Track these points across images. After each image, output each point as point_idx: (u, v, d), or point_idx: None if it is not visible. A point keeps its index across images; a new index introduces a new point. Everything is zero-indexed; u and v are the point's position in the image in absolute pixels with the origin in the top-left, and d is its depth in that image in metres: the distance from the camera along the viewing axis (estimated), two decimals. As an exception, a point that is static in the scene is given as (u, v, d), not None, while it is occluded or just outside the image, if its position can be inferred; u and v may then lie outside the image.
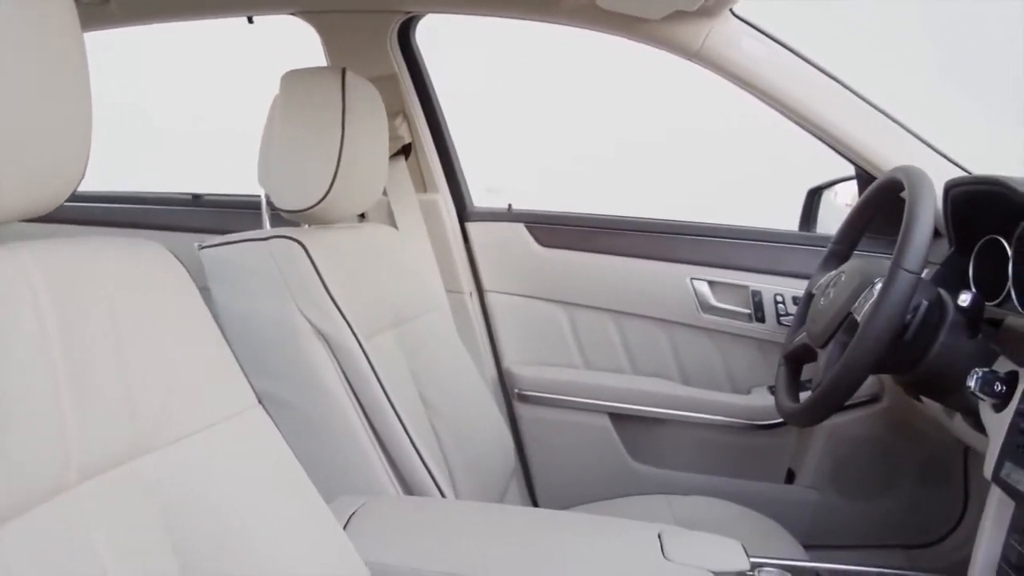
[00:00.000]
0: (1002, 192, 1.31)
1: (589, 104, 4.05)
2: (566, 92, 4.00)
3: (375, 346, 1.40)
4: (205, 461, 0.81)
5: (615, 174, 3.75)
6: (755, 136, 1.90)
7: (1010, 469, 1.10)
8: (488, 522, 1.11)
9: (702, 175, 3.67)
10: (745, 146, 2.72)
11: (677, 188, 2.85)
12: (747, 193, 2.18)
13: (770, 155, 1.97)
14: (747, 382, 1.92)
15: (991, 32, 3.79)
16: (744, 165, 3.44)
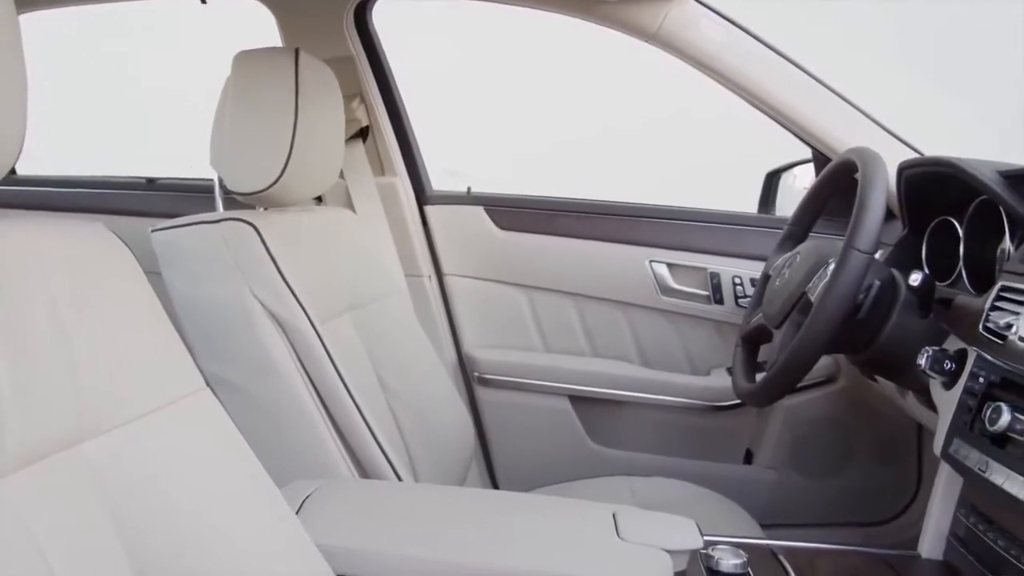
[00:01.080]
0: (953, 174, 1.33)
1: (565, 90, 4.04)
2: (541, 78, 3.99)
3: (332, 330, 1.39)
4: (151, 444, 0.79)
5: (591, 161, 3.75)
6: (732, 124, 1.90)
7: (958, 445, 1.12)
8: (443, 504, 1.11)
9: (679, 163, 3.68)
10: (722, 134, 2.73)
11: (654, 175, 2.85)
12: (722, 181, 2.18)
13: (749, 143, 1.97)
14: (706, 363, 1.93)
15: (946, 15, 3.83)
16: (720, 153, 3.46)
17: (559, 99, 3.90)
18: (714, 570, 1.05)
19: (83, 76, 3.92)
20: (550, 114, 3.93)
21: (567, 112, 3.93)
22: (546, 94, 3.86)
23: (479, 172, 2.17)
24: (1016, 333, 1.04)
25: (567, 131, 3.90)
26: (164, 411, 0.81)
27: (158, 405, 0.81)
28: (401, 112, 1.98)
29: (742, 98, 1.71)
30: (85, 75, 3.95)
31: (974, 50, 3.91)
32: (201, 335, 1.31)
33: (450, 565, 0.95)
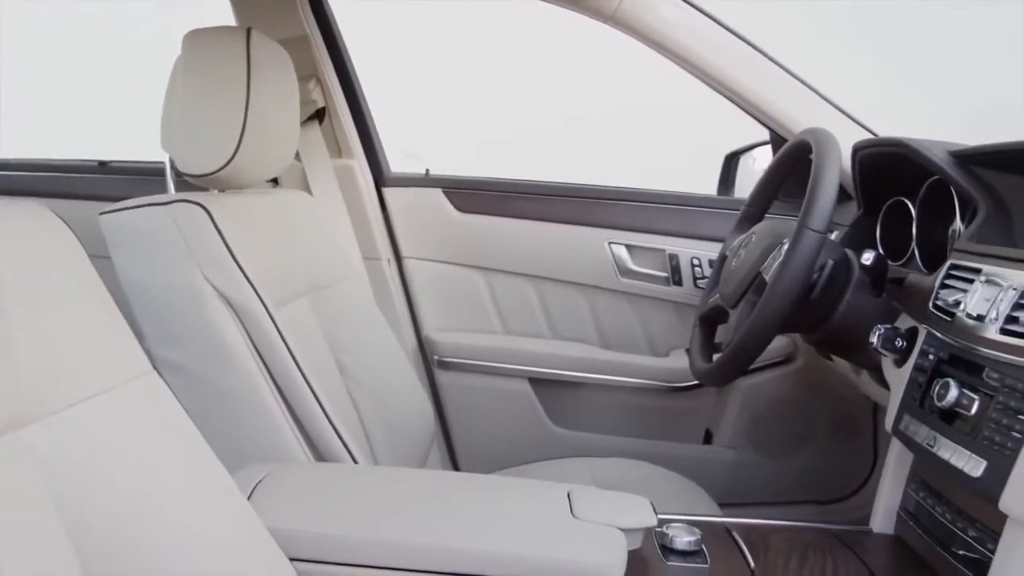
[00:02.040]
0: (905, 154, 1.34)
1: (527, 76, 4.01)
2: (504, 62, 3.96)
3: (288, 313, 1.37)
4: (94, 429, 0.78)
5: (552, 147, 3.74)
6: (704, 112, 1.89)
7: (908, 421, 1.13)
8: (396, 486, 1.10)
9: (643, 151, 3.67)
10: (694, 122, 2.73)
11: (617, 163, 2.84)
12: (687, 167, 2.18)
13: (714, 129, 1.97)
14: (665, 345, 1.94)
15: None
16: (684, 140, 3.46)
17: (521, 84, 3.88)
18: (668, 547, 1.06)
19: (40, 58, 3.84)
20: (512, 99, 3.91)
21: (529, 97, 3.91)
22: (508, 79, 3.84)
23: (440, 156, 2.15)
24: (964, 310, 1.06)
25: (530, 117, 3.88)
26: (107, 395, 0.80)
27: (101, 389, 0.80)
28: (358, 93, 1.96)
29: (701, 80, 1.71)
30: (42, 57, 3.86)
31: (933, 34, 3.95)
32: (152, 319, 1.29)
33: (402, 546, 0.95)
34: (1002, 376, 0.97)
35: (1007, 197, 1.19)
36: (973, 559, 1.02)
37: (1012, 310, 0.98)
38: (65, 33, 3.48)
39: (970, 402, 1.00)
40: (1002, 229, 1.17)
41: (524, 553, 0.95)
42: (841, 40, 3.61)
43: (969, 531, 1.04)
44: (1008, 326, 0.97)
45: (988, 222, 1.17)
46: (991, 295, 1.02)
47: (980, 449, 0.96)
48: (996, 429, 0.95)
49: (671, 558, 1.05)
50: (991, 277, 1.05)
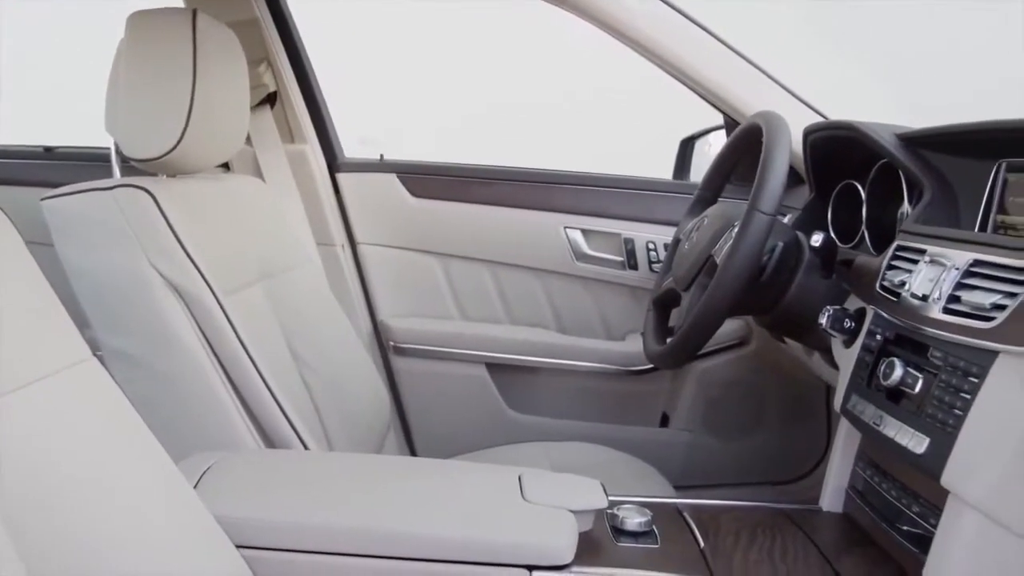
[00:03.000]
0: (855, 137, 1.35)
1: (490, 61, 3.99)
2: (467, 48, 3.93)
3: (240, 300, 1.36)
4: (30, 417, 0.76)
5: (518, 133, 3.72)
6: (662, 97, 1.89)
7: (856, 401, 1.14)
8: (346, 471, 1.09)
9: (608, 136, 3.66)
10: (651, 107, 2.73)
11: (582, 148, 2.84)
12: (652, 155, 2.18)
13: (678, 116, 1.98)
14: (621, 329, 1.94)
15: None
16: (649, 127, 3.46)
17: (477, 70, 3.85)
18: (619, 528, 1.07)
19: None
20: (467, 85, 3.89)
21: (485, 83, 3.89)
22: (464, 65, 3.81)
23: (394, 142, 2.13)
24: (909, 290, 1.07)
25: (486, 103, 3.87)
26: (44, 382, 0.78)
27: (38, 376, 0.78)
28: (310, 77, 1.94)
29: (654, 64, 1.71)
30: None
31: (887, 21, 3.99)
32: (98, 307, 1.26)
33: (349, 531, 0.94)
34: (945, 355, 0.98)
35: (952, 179, 1.20)
36: (917, 534, 1.03)
37: (954, 290, 0.99)
38: (5, 13, 3.39)
39: (914, 381, 1.01)
40: (947, 210, 1.18)
41: (473, 536, 0.94)
42: (794, 25, 3.63)
43: (913, 507, 1.05)
44: (950, 305, 0.99)
45: (933, 204, 1.19)
46: (935, 275, 1.04)
47: (923, 427, 0.98)
48: (938, 407, 0.96)
49: (622, 539, 1.05)
50: (935, 257, 1.06)
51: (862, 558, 1.08)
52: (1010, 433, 0.86)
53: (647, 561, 1.01)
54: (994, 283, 0.94)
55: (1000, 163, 1.12)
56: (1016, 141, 1.08)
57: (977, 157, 1.16)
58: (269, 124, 1.86)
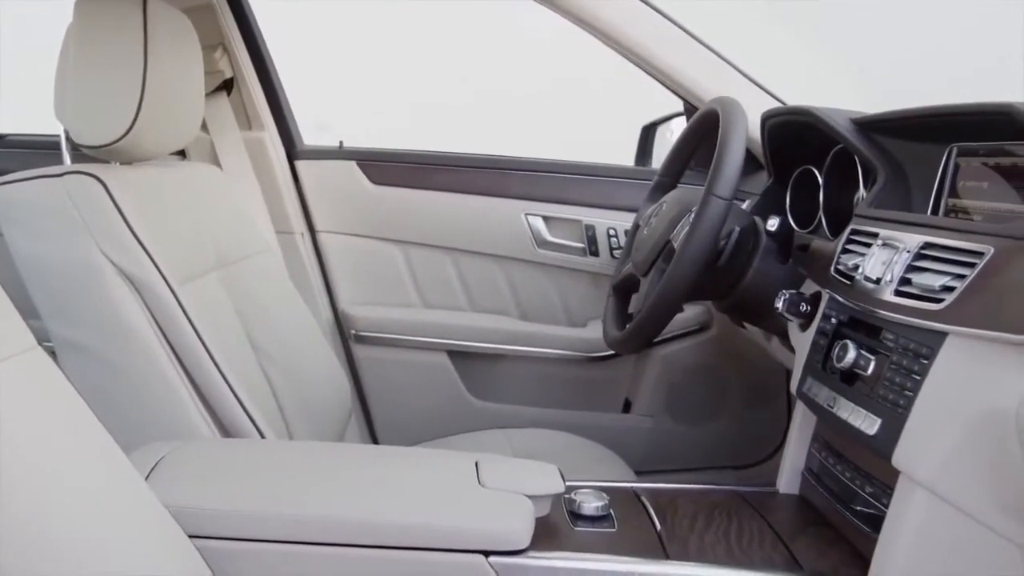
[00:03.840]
0: (811, 122, 1.36)
1: (452, 49, 3.96)
2: (429, 35, 3.90)
3: (196, 289, 1.34)
4: (-29, 408, 0.74)
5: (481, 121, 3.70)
6: (626, 85, 1.89)
7: (811, 383, 1.16)
8: (301, 460, 1.09)
9: (573, 125, 3.66)
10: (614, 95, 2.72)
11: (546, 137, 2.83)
12: (616, 142, 2.18)
13: (643, 104, 1.98)
14: (583, 315, 1.95)
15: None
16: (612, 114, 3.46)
17: (438, 58, 3.83)
18: (576, 513, 1.07)
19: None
20: (428, 73, 3.87)
21: (447, 71, 3.87)
22: (425, 53, 3.79)
23: (354, 130, 2.11)
24: (862, 273, 1.08)
25: (449, 91, 3.85)
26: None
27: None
28: (267, 63, 1.91)
29: (615, 50, 1.71)
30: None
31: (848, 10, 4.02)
32: (48, 297, 1.24)
33: (303, 519, 0.94)
34: (896, 337, 0.99)
35: (905, 163, 1.21)
36: (870, 514, 1.05)
37: (906, 272, 1.01)
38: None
39: (867, 363, 1.02)
40: (900, 194, 1.20)
41: (428, 523, 0.94)
42: (756, 12, 3.64)
43: (866, 488, 1.07)
44: (902, 288, 1.00)
45: (887, 188, 1.20)
46: (887, 258, 1.05)
47: (875, 408, 0.99)
48: (890, 388, 0.97)
49: (579, 523, 1.06)
50: (888, 241, 1.07)
51: (816, 538, 1.10)
52: (958, 413, 0.87)
53: (603, 545, 1.02)
54: (944, 265, 0.96)
55: (951, 147, 1.13)
56: (966, 125, 1.09)
57: (929, 142, 1.17)
58: (226, 111, 1.84)
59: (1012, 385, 0.81)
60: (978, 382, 0.86)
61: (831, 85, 3.14)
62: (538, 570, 0.95)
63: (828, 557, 1.05)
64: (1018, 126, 0.94)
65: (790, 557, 1.04)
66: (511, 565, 0.94)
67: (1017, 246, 0.86)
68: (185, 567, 0.88)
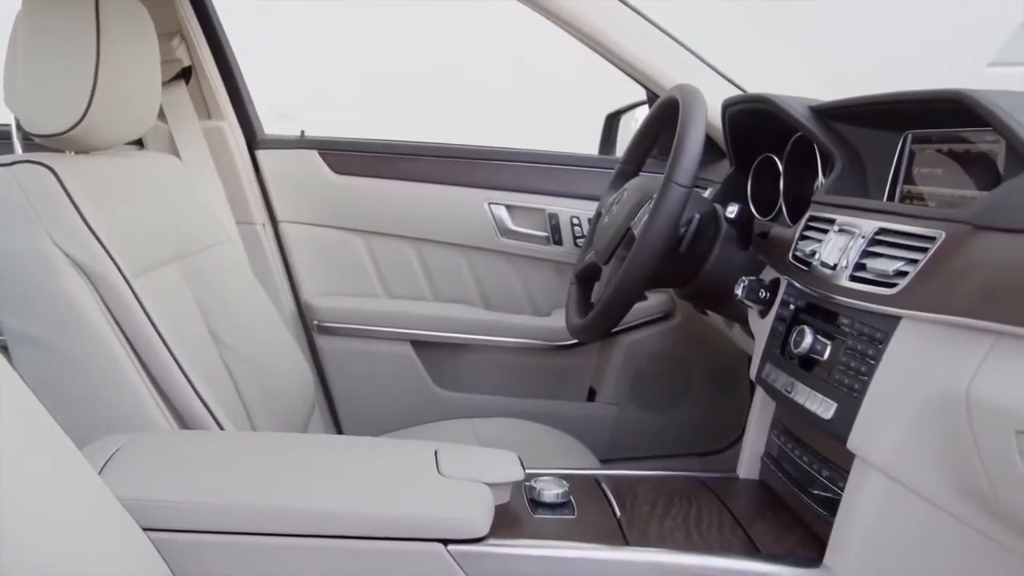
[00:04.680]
0: (771, 110, 1.36)
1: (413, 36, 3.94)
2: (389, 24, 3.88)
3: (153, 280, 1.32)
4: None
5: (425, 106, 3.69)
6: (594, 75, 1.88)
7: (770, 369, 1.16)
8: (260, 451, 1.08)
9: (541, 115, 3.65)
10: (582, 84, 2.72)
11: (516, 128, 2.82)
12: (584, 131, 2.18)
13: (609, 94, 1.98)
14: (547, 304, 1.95)
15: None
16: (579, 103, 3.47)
17: (400, 47, 3.81)
18: (536, 500, 1.07)
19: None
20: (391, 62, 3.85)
21: (413, 60, 3.86)
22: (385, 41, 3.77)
23: (318, 119, 2.09)
24: (819, 259, 1.09)
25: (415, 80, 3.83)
26: None
27: None
28: (226, 52, 1.89)
29: (577, 39, 1.70)
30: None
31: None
32: (1, 289, 1.22)
33: (259, 510, 0.93)
34: (852, 321, 1.00)
35: (862, 150, 1.22)
36: (827, 498, 1.05)
37: (861, 258, 1.01)
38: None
39: (823, 348, 1.03)
40: (857, 180, 1.21)
41: (387, 512, 0.94)
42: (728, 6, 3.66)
43: (824, 472, 1.08)
44: (857, 273, 1.01)
45: (844, 174, 1.21)
46: (844, 244, 1.05)
47: (831, 392, 1.00)
48: (845, 372, 0.98)
49: (539, 511, 1.06)
50: (844, 227, 1.08)
51: (774, 522, 1.10)
52: (911, 396, 0.88)
53: (563, 532, 1.02)
54: (898, 251, 0.97)
55: (907, 134, 1.15)
56: (921, 113, 1.11)
57: (885, 129, 1.18)
58: (184, 100, 1.81)
59: (962, 368, 0.82)
60: (930, 365, 0.87)
61: (800, 76, 3.16)
62: (497, 558, 0.95)
63: (786, 540, 1.06)
64: (969, 113, 0.95)
65: (748, 541, 1.04)
66: (470, 553, 0.94)
67: (967, 230, 0.87)
68: (139, 560, 0.87)
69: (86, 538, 0.81)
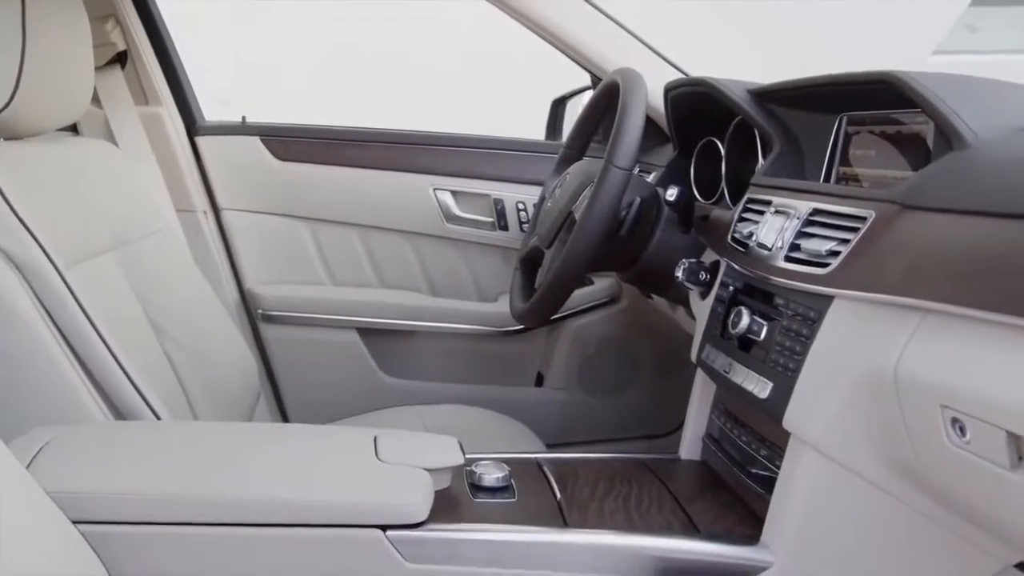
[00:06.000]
0: (711, 94, 1.37)
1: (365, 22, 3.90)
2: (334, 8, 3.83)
3: (88, 269, 1.29)
4: None
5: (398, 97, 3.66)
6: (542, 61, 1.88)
7: (709, 351, 1.17)
8: (197, 440, 1.06)
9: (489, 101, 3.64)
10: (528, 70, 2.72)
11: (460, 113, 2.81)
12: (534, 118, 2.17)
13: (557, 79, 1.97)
14: (494, 290, 1.94)
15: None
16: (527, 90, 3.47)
17: (334, 28, 3.77)
18: (476, 484, 1.07)
19: None
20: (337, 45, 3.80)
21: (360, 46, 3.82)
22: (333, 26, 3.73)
23: (260, 106, 2.06)
24: (756, 241, 1.10)
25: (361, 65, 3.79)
26: None
27: None
28: (164, 36, 1.85)
29: (522, 24, 1.70)
30: None
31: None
32: None
33: (193, 499, 0.91)
34: (787, 302, 1.01)
35: (799, 132, 1.24)
36: (765, 476, 1.07)
37: (795, 238, 1.02)
38: None
39: (760, 328, 1.04)
40: (794, 163, 1.22)
41: (324, 499, 0.93)
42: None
43: (761, 451, 1.09)
44: (792, 254, 1.02)
45: (782, 157, 1.22)
46: (779, 225, 1.06)
47: (768, 372, 1.01)
48: (781, 352, 0.99)
49: (479, 495, 1.05)
50: (780, 208, 1.09)
51: (714, 502, 1.12)
52: (843, 374, 0.89)
53: (503, 515, 1.02)
54: (831, 231, 0.98)
55: (842, 117, 1.16)
56: (855, 95, 1.12)
57: (821, 111, 1.20)
58: (120, 85, 1.77)
59: (891, 345, 0.83)
60: (860, 343, 0.88)
61: (751, 64, 3.19)
62: (436, 542, 0.95)
63: (725, 519, 1.07)
64: (900, 94, 0.96)
65: (687, 521, 1.05)
66: (409, 538, 0.93)
67: (896, 210, 0.88)
68: (68, 554, 0.85)
69: (11, 533, 0.79)
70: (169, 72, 1.87)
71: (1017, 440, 0.70)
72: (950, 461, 0.77)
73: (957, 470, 0.77)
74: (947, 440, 0.76)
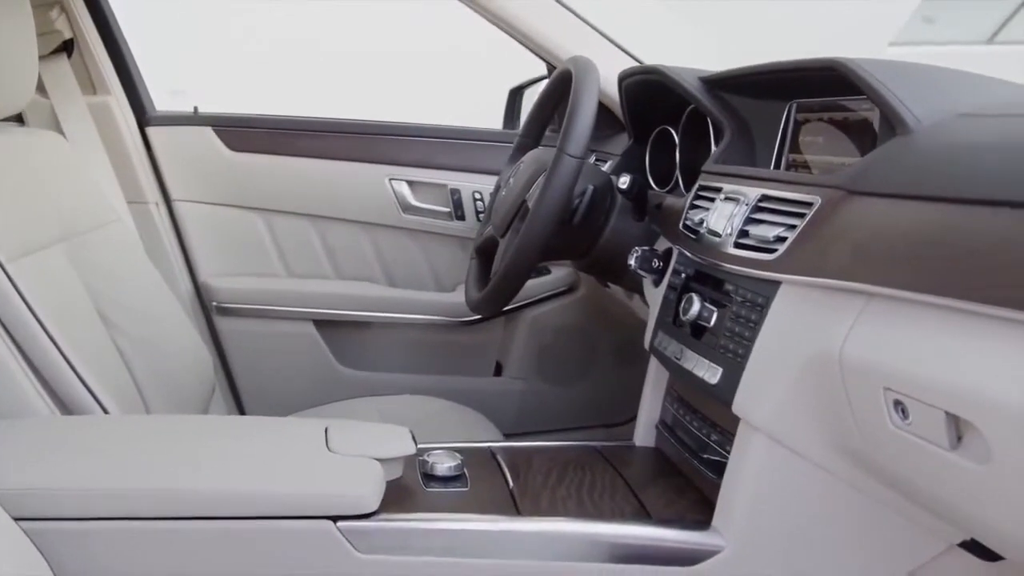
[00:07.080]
0: (664, 82, 1.37)
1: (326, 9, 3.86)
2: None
3: (34, 262, 1.27)
4: None
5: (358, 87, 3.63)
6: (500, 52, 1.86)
7: (661, 338, 1.18)
8: (144, 433, 1.04)
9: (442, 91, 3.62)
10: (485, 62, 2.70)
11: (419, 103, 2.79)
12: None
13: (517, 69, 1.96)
14: (451, 280, 1.94)
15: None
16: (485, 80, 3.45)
17: (288, 16, 3.73)
18: (429, 474, 1.06)
19: None
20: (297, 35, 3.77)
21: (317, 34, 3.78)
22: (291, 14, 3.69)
23: (215, 96, 2.03)
24: (706, 227, 1.10)
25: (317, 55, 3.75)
26: None
27: None
28: (112, 24, 1.81)
29: (477, 12, 1.69)
30: None
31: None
32: None
33: (140, 492, 0.90)
34: (736, 288, 1.02)
35: (750, 120, 1.24)
36: (716, 461, 1.08)
37: (744, 225, 1.03)
38: None
39: (710, 314, 1.05)
40: (745, 150, 1.22)
41: (273, 490, 0.92)
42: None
43: (713, 436, 1.10)
44: (741, 240, 1.02)
45: (733, 144, 1.22)
46: (729, 212, 1.07)
47: (718, 358, 1.02)
48: (730, 338, 1.00)
49: (431, 485, 1.05)
50: (730, 195, 1.09)
51: (666, 488, 1.12)
52: (790, 358, 0.90)
53: (455, 505, 1.02)
54: (779, 217, 0.98)
55: (791, 104, 1.17)
56: (804, 82, 1.12)
57: (771, 98, 1.20)
58: (67, 74, 1.73)
59: (836, 329, 0.83)
60: (807, 328, 0.88)
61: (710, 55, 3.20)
62: (387, 532, 0.94)
63: (677, 505, 1.08)
64: (846, 81, 0.96)
65: (640, 507, 1.06)
66: (360, 529, 0.93)
67: (841, 196, 0.89)
68: (11, 553, 0.84)
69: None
70: (118, 61, 1.83)
71: (956, 421, 0.71)
72: (893, 443, 0.78)
73: (900, 452, 0.78)
74: (890, 422, 0.77)
